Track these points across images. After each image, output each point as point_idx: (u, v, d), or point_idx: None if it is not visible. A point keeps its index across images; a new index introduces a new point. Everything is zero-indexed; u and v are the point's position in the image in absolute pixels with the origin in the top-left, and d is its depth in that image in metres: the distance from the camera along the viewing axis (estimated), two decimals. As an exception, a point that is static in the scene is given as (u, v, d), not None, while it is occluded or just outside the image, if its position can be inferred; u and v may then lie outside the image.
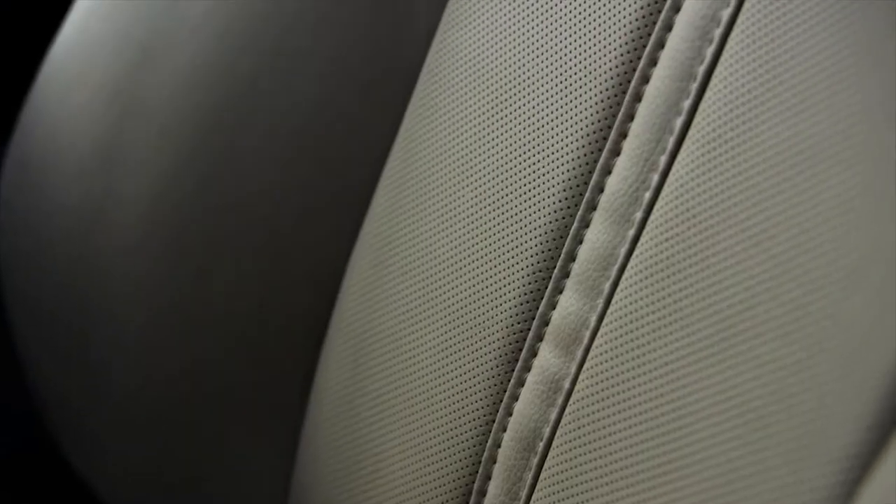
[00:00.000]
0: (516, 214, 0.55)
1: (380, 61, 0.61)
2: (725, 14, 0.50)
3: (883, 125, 0.44)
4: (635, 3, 0.53)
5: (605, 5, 0.53)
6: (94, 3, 0.66)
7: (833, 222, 0.45)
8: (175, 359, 0.64)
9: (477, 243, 0.55)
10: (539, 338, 0.53)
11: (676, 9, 0.52)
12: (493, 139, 0.56)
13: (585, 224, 0.53)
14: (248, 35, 0.62)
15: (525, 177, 0.54)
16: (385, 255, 0.59)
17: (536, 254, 0.54)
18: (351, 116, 0.62)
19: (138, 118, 0.63)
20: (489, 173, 0.56)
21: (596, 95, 0.53)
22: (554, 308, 0.53)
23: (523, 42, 0.56)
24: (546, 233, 0.54)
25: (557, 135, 0.54)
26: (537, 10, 0.55)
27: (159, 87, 0.63)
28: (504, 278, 0.54)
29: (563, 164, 0.53)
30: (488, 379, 0.54)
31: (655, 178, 0.51)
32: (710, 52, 0.50)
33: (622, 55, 0.53)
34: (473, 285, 0.55)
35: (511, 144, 0.55)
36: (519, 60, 0.56)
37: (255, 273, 0.63)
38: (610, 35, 0.53)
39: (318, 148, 0.62)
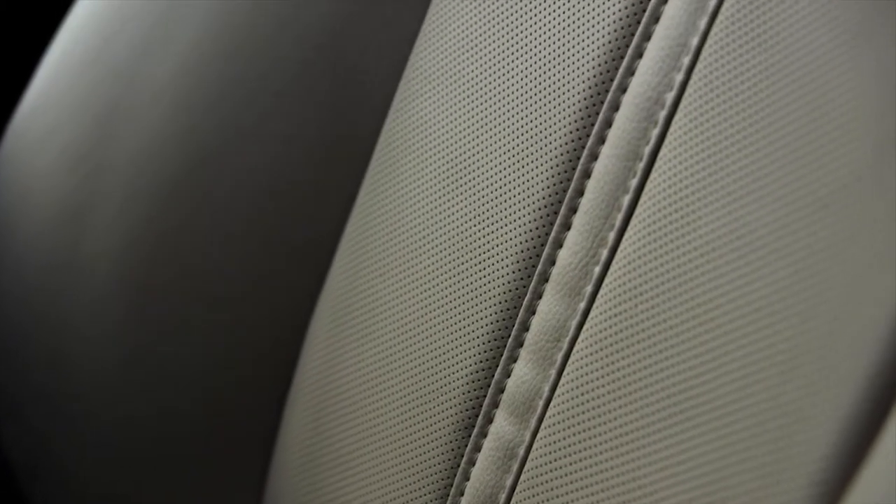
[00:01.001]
0: (472, 283, 0.55)
1: (338, 129, 0.62)
2: (669, 97, 0.51)
3: (818, 217, 0.45)
4: (584, 82, 0.54)
5: (554, 83, 0.54)
6: (59, 67, 0.67)
7: (768, 309, 0.46)
8: (143, 405, 0.64)
9: (434, 310, 0.56)
10: (494, 405, 0.54)
11: (623, 89, 0.53)
12: (448, 209, 0.57)
13: (538, 295, 0.54)
14: (210, 101, 0.63)
15: (480, 247, 0.55)
16: (344, 317, 0.60)
17: (491, 322, 0.55)
18: (311, 181, 0.62)
19: (103, 180, 0.64)
20: (445, 242, 0.57)
21: (547, 171, 0.54)
22: (509, 376, 0.54)
23: (476, 116, 0.57)
24: (501, 302, 0.55)
25: (510, 207, 0.55)
26: (490, 84, 0.56)
27: (123, 149, 0.64)
28: (460, 345, 0.55)
29: (516, 237, 0.54)
30: (446, 444, 0.55)
31: (605, 253, 0.52)
32: (655, 133, 0.51)
33: (572, 132, 0.54)
34: (430, 351, 0.56)
35: (466, 215, 0.56)
36: (472, 134, 0.56)
37: (219, 329, 0.63)
38: (560, 112, 0.54)
39: (279, 209, 0.63)
